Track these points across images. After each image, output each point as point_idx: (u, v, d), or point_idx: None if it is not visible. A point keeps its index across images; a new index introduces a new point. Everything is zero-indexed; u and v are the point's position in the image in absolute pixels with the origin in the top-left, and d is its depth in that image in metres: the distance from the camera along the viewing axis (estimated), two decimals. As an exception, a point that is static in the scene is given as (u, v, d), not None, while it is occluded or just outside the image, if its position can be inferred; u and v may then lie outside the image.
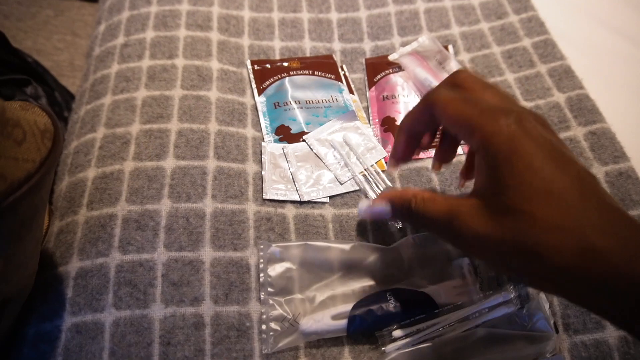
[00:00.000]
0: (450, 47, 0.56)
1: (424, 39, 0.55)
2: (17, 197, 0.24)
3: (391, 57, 0.55)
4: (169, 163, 0.44)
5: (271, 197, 0.44)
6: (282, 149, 0.47)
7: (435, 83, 0.51)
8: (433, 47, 0.54)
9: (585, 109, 0.49)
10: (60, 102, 0.70)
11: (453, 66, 0.53)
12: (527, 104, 0.50)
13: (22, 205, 0.25)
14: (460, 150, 0.47)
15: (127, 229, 0.40)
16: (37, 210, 0.28)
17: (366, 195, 0.45)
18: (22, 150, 0.25)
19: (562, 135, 0.47)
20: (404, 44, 0.56)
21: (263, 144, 0.47)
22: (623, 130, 0.47)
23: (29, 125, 0.26)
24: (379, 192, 0.45)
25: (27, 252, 0.30)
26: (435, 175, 0.46)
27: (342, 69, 0.55)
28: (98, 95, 0.50)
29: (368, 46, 0.57)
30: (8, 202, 0.24)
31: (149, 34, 0.54)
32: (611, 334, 0.38)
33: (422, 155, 0.48)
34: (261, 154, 0.47)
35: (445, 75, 0.52)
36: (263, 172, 0.45)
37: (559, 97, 0.50)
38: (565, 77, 0.52)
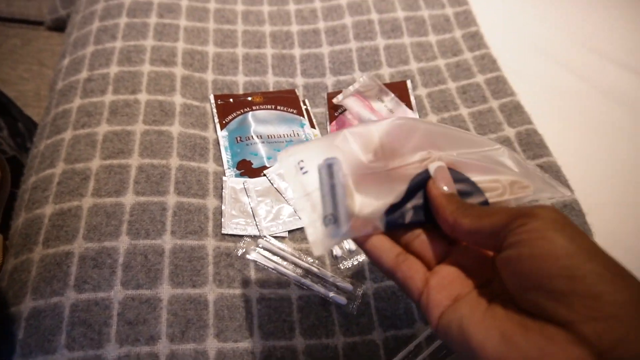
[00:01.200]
0: (408, 82, 0.59)
1: (365, 79, 0.56)
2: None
3: (335, 101, 0.56)
4: (129, 199, 0.44)
5: (230, 232, 0.44)
6: (243, 183, 0.48)
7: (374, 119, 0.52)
8: (373, 85, 0.56)
9: (533, 143, 0.51)
10: (23, 133, 0.69)
11: (389, 102, 0.55)
12: (480, 138, 0.53)
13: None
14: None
15: (84, 267, 0.40)
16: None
17: None
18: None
19: (512, 168, 0.50)
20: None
21: (224, 178, 0.48)
22: (567, 162, 0.50)
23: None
24: None
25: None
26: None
27: (305, 104, 0.57)
28: (59, 129, 0.50)
29: (330, 81, 0.59)
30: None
31: (113, 69, 0.55)
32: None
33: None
34: (222, 189, 0.47)
35: (384, 111, 0.54)
36: (223, 207, 0.46)
37: (509, 132, 0.53)
38: (515, 112, 0.54)
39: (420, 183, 0.28)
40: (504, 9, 0.70)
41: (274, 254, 0.44)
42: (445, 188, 0.27)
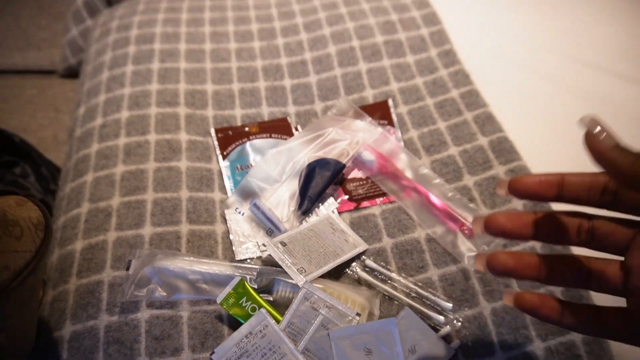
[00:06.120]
0: (389, 100, 0.64)
1: (341, 102, 0.62)
2: (19, 282, 0.31)
3: None
4: (147, 230, 0.50)
5: (242, 257, 0.50)
6: (237, 211, 0.53)
7: (343, 144, 0.56)
8: (349, 108, 0.62)
9: (505, 150, 0.57)
10: (46, 177, 0.76)
11: (363, 125, 0.60)
12: (457, 149, 0.58)
13: (22, 287, 0.31)
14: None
15: (113, 293, 0.46)
16: (34, 289, 0.34)
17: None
18: (20, 244, 0.31)
19: (486, 174, 0.55)
20: (353, 101, 0.64)
21: (226, 211, 0.53)
22: (537, 165, 0.55)
23: (25, 222, 0.33)
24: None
25: (27, 323, 0.36)
26: (381, 221, 0.53)
27: (297, 129, 0.63)
28: (81, 173, 0.57)
29: (319, 107, 0.65)
30: (11, 287, 0.30)
31: (124, 114, 0.61)
32: (538, 345, 0.45)
33: (366, 203, 0.55)
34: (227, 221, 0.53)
35: (353, 130, 0.57)
36: (231, 236, 0.51)
37: (483, 141, 0.58)
38: (487, 122, 0.60)
39: (305, 178, 0.51)
40: (476, 25, 0.76)
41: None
42: (608, 141, 0.25)
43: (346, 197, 0.55)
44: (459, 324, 0.46)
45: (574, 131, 0.62)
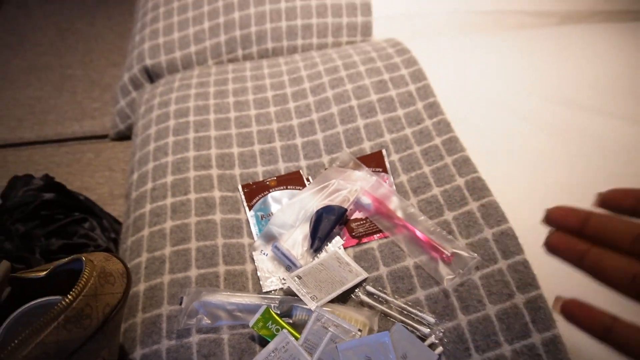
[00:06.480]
0: (383, 151, 0.77)
1: (342, 155, 0.75)
2: (115, 313, 0.45)
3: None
4: (193, 272, 0.65)
5: (267, 289, 0.63)
6: (262, 253, 0.67)
7: (345, 192, 0.70)
8: (349, 160, 0.75)
9: (477, 188, 0.68)
10: (108, 227, 0.92)
11: (361, 174, 0.73)
12: (439, 189, 0.70)
13: (116, 317, 0.46)
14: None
15: (170, 323, 0.60)
16: (121, 319, 0.49)
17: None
18: (114, 288, 0.46)
19: (462, 210, 0.67)
20: (353, 153, 0.78)
21: (253, 253, 0.67)
22: (504, 199, 0.66)
23: (116, 273, 0.47)
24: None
25: (117, 344, 0.50)
26: (378, 253, 0.66)
27: (308, 180, 0.76)
28: (138, 229, 0.72)
29: (326, 159, 0.79)
30: (111, 318, 0.44)
31: (169, 178, 0.76)
32: (506, 348, 0.56)
33: (365, 239, 0.67)
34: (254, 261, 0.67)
35: (353, 180, 0.71)
36: (259, 273, 0.65)
37: (460, 181, 0.70)
38: (464, 165, 0.72)
39: (315, 222, 0.65)
40: (458, 74, 0.89)
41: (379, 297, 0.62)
42: None
43: (353, 234, 0.68)
44: (441, 334, 0.57)
45: (543, 166, 0.73)
